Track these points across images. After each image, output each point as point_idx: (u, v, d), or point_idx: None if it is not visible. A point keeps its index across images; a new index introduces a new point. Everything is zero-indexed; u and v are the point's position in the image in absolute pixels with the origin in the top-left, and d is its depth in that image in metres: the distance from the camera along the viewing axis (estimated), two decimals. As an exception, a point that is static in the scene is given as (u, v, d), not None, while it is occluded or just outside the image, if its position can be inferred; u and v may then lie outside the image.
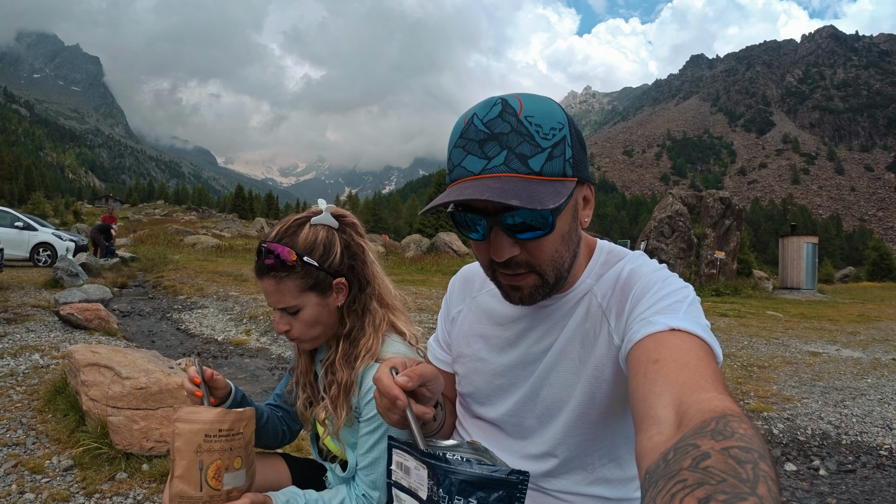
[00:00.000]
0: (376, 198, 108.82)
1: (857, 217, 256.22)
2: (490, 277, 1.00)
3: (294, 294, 1.31)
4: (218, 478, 1.10)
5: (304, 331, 1.35)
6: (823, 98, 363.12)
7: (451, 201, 0.84)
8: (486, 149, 0.85)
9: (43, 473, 2.95)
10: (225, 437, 1.12)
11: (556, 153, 0.86)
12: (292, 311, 1.32)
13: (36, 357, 5.20)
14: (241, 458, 1.14)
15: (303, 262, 1.29)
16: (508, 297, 0.99)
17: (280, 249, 1.29)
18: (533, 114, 0.86)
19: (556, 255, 0.92)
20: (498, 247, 0.89)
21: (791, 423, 4.47)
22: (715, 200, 19.52)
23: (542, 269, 0.93)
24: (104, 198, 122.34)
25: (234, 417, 1.14)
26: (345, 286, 1.37)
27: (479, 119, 0.87)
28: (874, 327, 10.48)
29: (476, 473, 0.82)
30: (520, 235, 0.88)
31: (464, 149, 0.88)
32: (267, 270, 1.30)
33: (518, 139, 0.84)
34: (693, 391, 0.68)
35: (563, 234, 0.92)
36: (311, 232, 1.33)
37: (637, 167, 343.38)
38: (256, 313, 9.03)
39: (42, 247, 16.81)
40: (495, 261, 0.91)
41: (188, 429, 1.09)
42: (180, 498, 1.07)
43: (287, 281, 1.30)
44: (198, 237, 33.40)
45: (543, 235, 0.89)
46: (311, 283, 1.31)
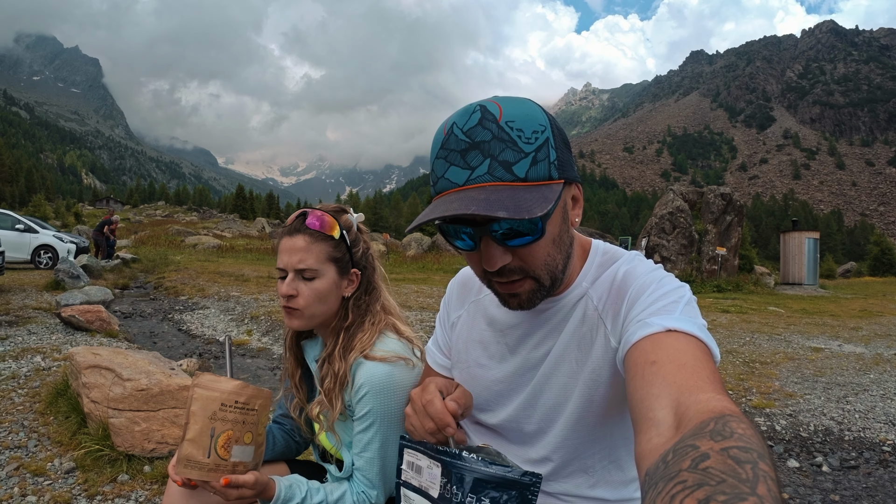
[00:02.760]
0: (377, 196, 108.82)
1: (859, 212, 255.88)
2: (486, 286, 0.99)
3: (321, 258, 1.35)
4: (227, 447, 1.12)
5: (310, 303, 1.36)
6: (824, 93, 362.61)
7: (437, 217, 0.82)
8: (469, 158, 0.83)
9: (45, 476, 2.95)
10: (240, 410, 1.14)
11: (539, 157, 0.84)
12: (308, 277, 1.35)
13: (37, 359, 5.21)
14: (251, 435, 1.17)
15: (342, 234, 1.38)
16: (507, 303, 0.97)
17: (327, 216, 1.37)
18: (514, 118, 0.84)
19: (549, 259, 0.91)
20: (490, 256, 0.87)
21: (794, 419, 4.46)
22: (716, 196, 19.51)
23: (536, 274, 0.91)
24: (105, 199, 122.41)
25: (251, 392, 1.17)
26: (357, 278, 1.42)
27: (459, 128, 0.85)
28: (876, 322, 10.46)
29: (490, 473, 0.83)
30: (510, 243, 0.87)
31: (446, 160, 0.85)
32: (305, 229, 1.36)
33: (500, 146, 0.82)
34: (691, 392, 0.67)
35: (554, 237, 0.90)
36: (349, 220, 1.43)
37: (638, 163, 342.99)
38: (258, 313, 9.04)
39: (43, 249, 16.82)
40: (488, 270, 0.90)
41: (206, 395, 1.12)
42: (187, 460, 1.09)
43: (320, 243, 1.35)
44: (199, 238, 33.47)
45: (534, 241, 0.87)
46: (338, 256, 1.38)
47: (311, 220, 1.36)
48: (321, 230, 1.35)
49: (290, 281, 1.35)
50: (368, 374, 1.31)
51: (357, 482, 1.34)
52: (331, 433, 1.40)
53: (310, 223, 1.35)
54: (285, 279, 1.36)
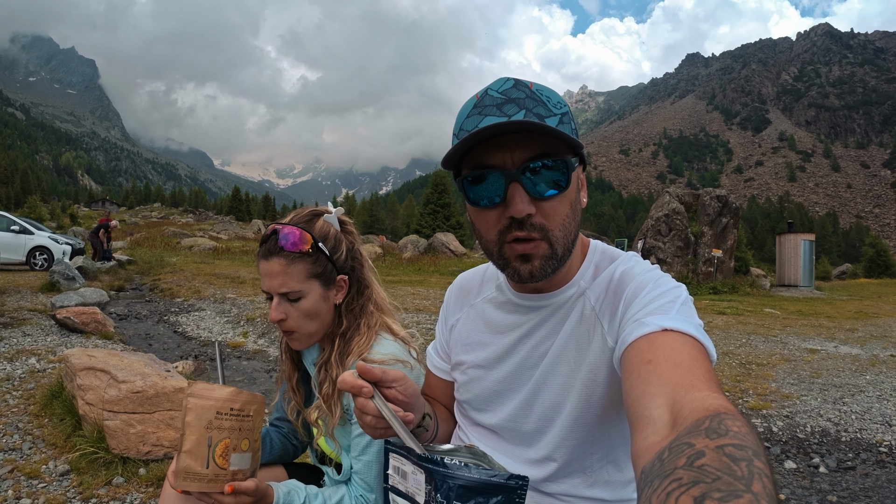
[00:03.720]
0: (373, 199, 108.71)
1: (854, 214, 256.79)
2: (496, 256, 0.97)
3: (301, 278, 1.31)
4: (225, 456, 1.09)
5: (301, 322, 1.34)
6: (819, 95, 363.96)
7: (479, 129, 0.85)
8: (505, 109, 0.88)
9: (39, 478, 2.94)
10: (235, 417, 1.12)
11: (565, 120, 0.91)
12: (293, 298, 1.32)
13: (32, 361, 5.19)
14: (248, 441, 1.14)
15: (317, 247, 1.31)
16: (517, 272, 0.95)
17: (298, 231, 1.31)
18: (542, 90, 0.92)
19: (567, 222, 0.93)
20: (517, 202, 0.89)
21: (790, 420, 4.47)
22: (712, 198, 19.55)
23: (553, 236, 0.92)
24: (101, 201, 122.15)
25: (245, 398, 1.14)
26: (345, 284, 1.38)
27: (494, 90, 0.92)
28: (872, 324, 10.48)
29: (475, 478, 0.82)
30: (539, 191, 0.90)
31: (480, 113, 0.90)
32: (279, 250, 1.30)
33: (533, 103, 0.89)
34: (687, 390, 0.68)
35: (572, 201, 0.94)
36: (325, 225, 1.37)
37: (633, 166, 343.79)
38: (254, 315, 9.01)
39: (38, 250, 16.76)
40: (514, 218, 0.90)
41: (200, 404, 1.09)
42: (185, 473, 1.06)
43: (297, 263, 1.30)
44: (195, 239, 33.41)
45: (560, 194, 0.91)
46: (319, 271, 1.32)
47: (282, 241, 1.30)
48: (295, 249, 1.29)
49: (277, 305, 1.32)
50: None
51: (355, 486, 1.33)
52: (330, 438, 1.39)
53: (282, 243, 1.30)
54: (273, 300, 1.34)
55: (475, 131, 0.85)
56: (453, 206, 50.53)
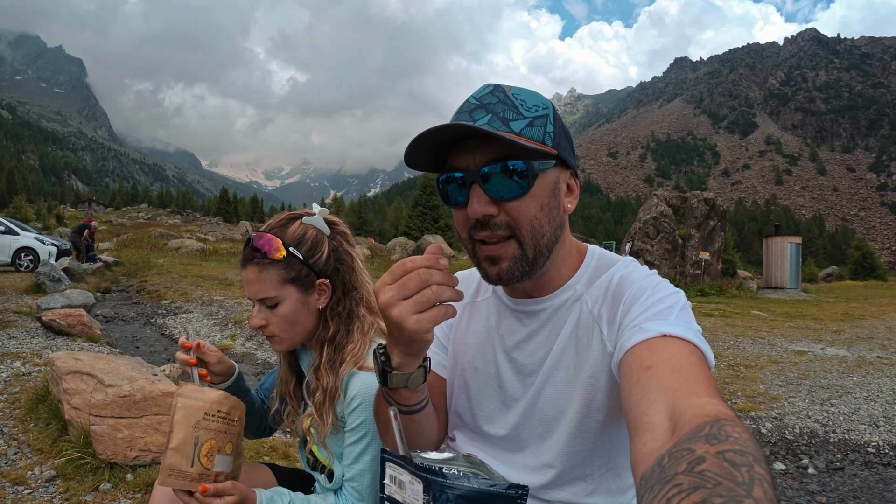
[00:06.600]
0: (361, 200, 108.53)
1: (840, 217, 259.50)
2: (471, 255, 0.99)
3: (275, 285, 1.31)
4: (210, 457, 1.13)
5: (282, 328, 1.34)
6: (806, 100, 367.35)
7: (434, 128, 0.87)
8: (474, 115, 0.91)
9: (25, 485, 2.90)
10: (222, 419, 1.16)
11: (536, 123, 0.91)
12: (271, 305, 1.32)
13: (17, 364, 5.12)
14: (232, 445, 1.18)
15: (288, 252, 1.31)
16: (487, 274, 0.97)
17: (268, 237, 1.31)
18: (519, 93, 0.94)
19: (536, 223, 0.93)
20: (473, 202, 0.90)
21: (779, 422, 4.50)
22: (699, 201, 19.69)
23: (521, 235, 0.92)
24: (87, 202, 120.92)
25: (232, 403, 1.18)
26: (328, 288, 1.36)
27: (472, 97, 0.95)
28: (858, 325, 10.59)
29: (474, 488, 0.80)
30: (497, 194, 0.90)
31: (455, 119, 0.93)
32: (251, 258, 1.31)
33: (503, 107, 0.91)
34: (686, 396, 0.68)
35: (543, 203, 0.93)
36: (301, 228, 1.35)
37: (621, 169, 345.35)
38: (241, 318, 8.96)
39: (24, 251, 16.59)
40: (476, 220, 0.91)
41: (189, 404, 1.13)
42: (171, 470, 1.09)
43: (270, 270, 1.30)
44: (182, 241, 33.16)
45: (520, 196, 0.90)
46: (293, 276, 1.32)
47: (254, 248, 1.31)
48: (266, 257, 1.30)
49: (257, 311, 1.34)
50: (361, 385, 1.28)
51: (346, 494, 1.31)
52: (322, 447, 1.37)
53: (253, 251, 1.31)
54: (255, 306, 1.35)
55: (415, 137, 0.89)
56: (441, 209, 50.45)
